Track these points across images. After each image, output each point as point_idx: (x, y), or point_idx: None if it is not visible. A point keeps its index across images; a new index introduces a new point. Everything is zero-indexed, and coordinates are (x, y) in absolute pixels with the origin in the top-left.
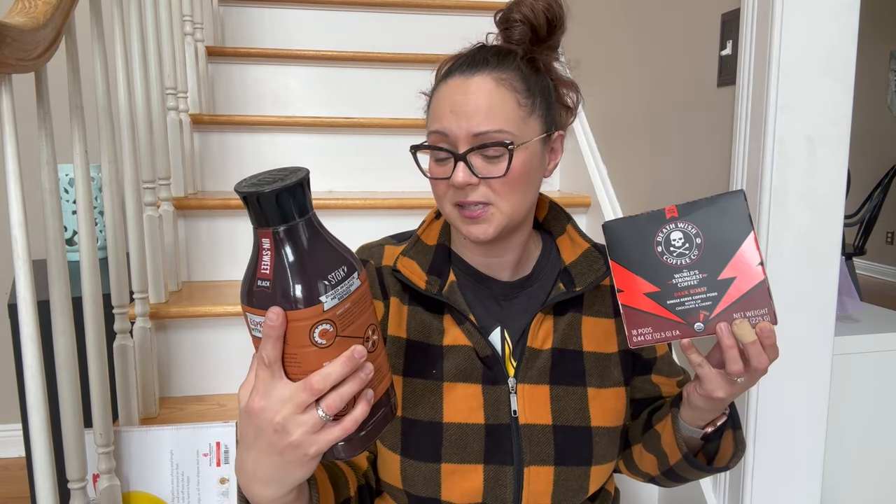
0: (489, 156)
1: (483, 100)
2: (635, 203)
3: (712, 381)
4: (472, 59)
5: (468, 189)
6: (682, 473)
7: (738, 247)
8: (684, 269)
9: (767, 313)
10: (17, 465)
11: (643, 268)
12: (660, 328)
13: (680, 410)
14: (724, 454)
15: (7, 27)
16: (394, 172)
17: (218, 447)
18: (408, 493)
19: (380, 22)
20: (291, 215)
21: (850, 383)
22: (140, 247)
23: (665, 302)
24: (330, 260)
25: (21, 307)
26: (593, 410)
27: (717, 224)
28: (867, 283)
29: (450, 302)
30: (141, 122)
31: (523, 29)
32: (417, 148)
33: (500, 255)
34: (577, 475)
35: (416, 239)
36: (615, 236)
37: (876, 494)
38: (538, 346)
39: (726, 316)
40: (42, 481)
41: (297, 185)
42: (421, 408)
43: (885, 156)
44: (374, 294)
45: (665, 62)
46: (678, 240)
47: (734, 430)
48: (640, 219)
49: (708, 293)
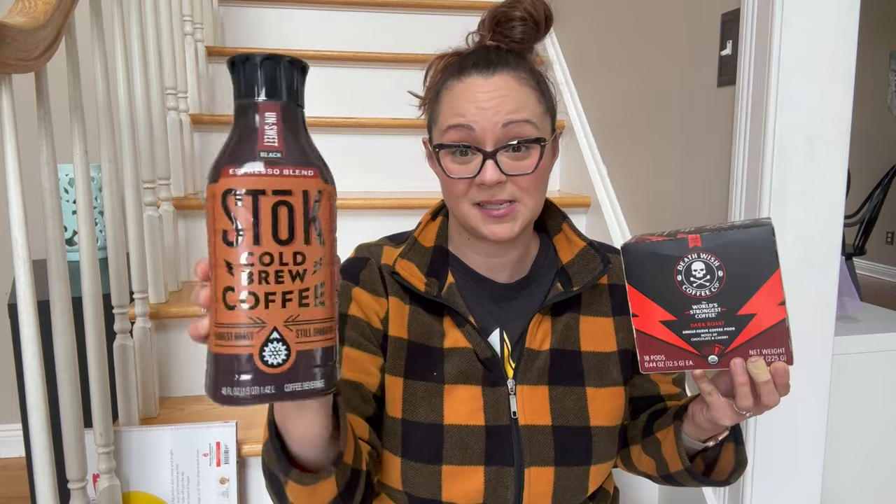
0: (516, 151)
1: (509, 94)
2: (635, 203)
3: (720, 410)
4: (486, 58)
5: (495, 188)
6: (681, 480)
7: (761, 283)
8: (703, 300)
9: (784, 353)
10: (17, 465)
11: (661, 295)
12: (673, 357)
13: (683, 424)
14: (724, 468)
15: (7, 27)
16: (394, 172)
17: (218, 447)
18: (408, 495)
19: (380, 22)
20: (297, 92)
21: (850, 383)
22: (140, 247)
23: (681, 332)
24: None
25: (21, 307)
26: (592, 410)
27: (742, 257)
28: (867, 283)
29: (450, 304)
30: (141, 122)
31: (527, 27)
32: (441, 147)
33: (504, 255)
34: (577, 475)
35: (414, 241)
36: (634, 260)
37: (876, 495)
38: (536, 347)
39: (742, 352)
40: (42, 481)
41: (304, 71)
42: (422, 410)
43: (885, 156)
44: (376, 290)
45: (665, 62)
46: (699, 271)
47: (736, 444)
48: (660, 245)
49: (725, 327)
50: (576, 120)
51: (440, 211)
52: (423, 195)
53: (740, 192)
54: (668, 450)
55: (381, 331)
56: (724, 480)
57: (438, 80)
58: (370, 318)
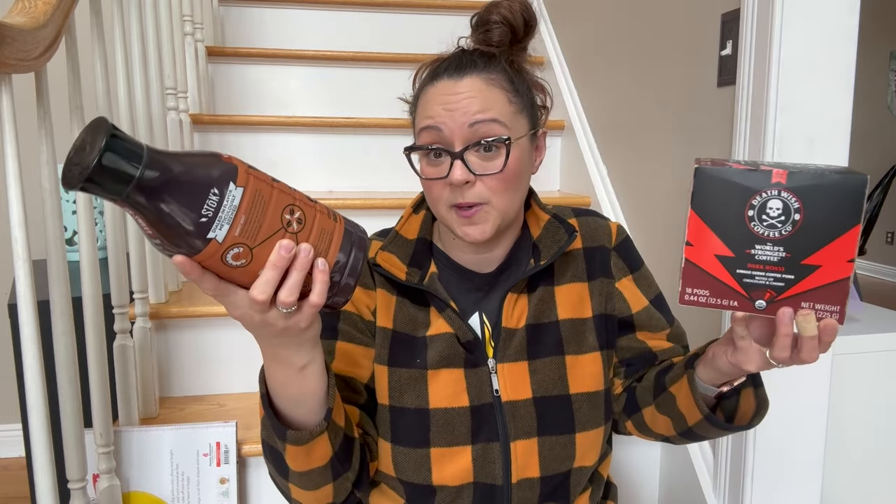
0: (486, 151)
1: (476, 96)
2: (635, 203)
3: (749, 356)
4: (457, 62)
5: (464, 188)
6: (702, 433)
7: (837, 235)
8: (769, 242)
9: (838, 312)
10: (17, 465)
11: (724, 227)
12: (718, 294)
13: (696, 370)
14: (746, 412)
15: (7, 27)
16: (394, 172)
17: (218, 447)
18: (401, 482)
19: (380, 22)
20: (126, 174)
21: (850, 383)
22: (140, 247)
23: (734, 270)
24: (195, 193)
25: (21, 307)
26: (571, 378)
27: (825, 205)
28: (867, 283)
29: (430, 290)
30: (141, 122)
31: (503, 30)
32: (412, 149)
33: (490, 251)
34: (562, 444)
35: (395, 234)
36: (705, 184)
37: (876, 495)
38: (513, 325)
39: (793, 302)
40: (42, 481)
41: (111, 139)
42: (407, 396)
43: (885, 156)
44: (366, 284)
45: (665, 62)
46: (775, 210)
47: (755, 387)
48: (739, 174)
49: (784, 274)
50: (576, 120)
51: (422, 205)
52: None
53: None
54: (683, 401)
55: (372, 322)
56: (746, 424)
57: (419, 85)
58: (361, 311)
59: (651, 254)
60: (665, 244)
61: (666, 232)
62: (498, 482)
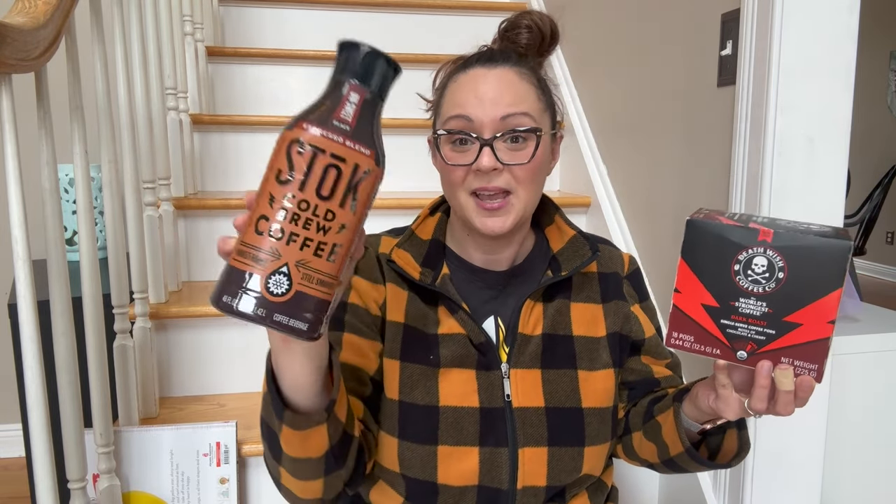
0: (514, 142)
1: (508, 87)
2: (635, 203)
3: (728, 404)
4: (489, 54)
5: (492, 175)
6: (682, 465)
7: (819, 297)
8: (753, 296)
9: (816, 370)
10: (17, 465)
11: (711, 278)
12: (702, 341)
13: (683, 405)
14: (728, 452)
15: (7, 27)
16: (394, 172)
17: (218, 447)
18: (405, 477)
19: (380, 22)
20: (385, 88)
21: (850, 383)
22: (140, 247)
23: (719, 320)
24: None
25: (21, 307)
26: (584, 392)
27: (808, 266)
28: (867, 283)
29: (442, 291)
30: (141, 122)
31: (531, 35)
32: (441, 134)
33: (501, 252)
34: (570, 456)
35: (411, 233)
36: (695, 236)
37: (876, 495)
38: (529, 332)
39: (774, 356)
40: (42, 481)
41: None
42: (417, 391)
43: (885, 156)
44: (374, 278)
45: (665, 62)
46: (760, 266)
47: (738, 430)
48: (728, 230)
49: (766, 329)
50: (576, 120)
51: (439, 207)
52: (425, 195)
53: (740, 193)
54: (668, 432)
55: (379, 317)
56: (726, 463)
57: (445, 76)
58: (368, 305)
59: (651, 253)
60: (665, 244)
61: (666, 232)
62: (503, 487)
